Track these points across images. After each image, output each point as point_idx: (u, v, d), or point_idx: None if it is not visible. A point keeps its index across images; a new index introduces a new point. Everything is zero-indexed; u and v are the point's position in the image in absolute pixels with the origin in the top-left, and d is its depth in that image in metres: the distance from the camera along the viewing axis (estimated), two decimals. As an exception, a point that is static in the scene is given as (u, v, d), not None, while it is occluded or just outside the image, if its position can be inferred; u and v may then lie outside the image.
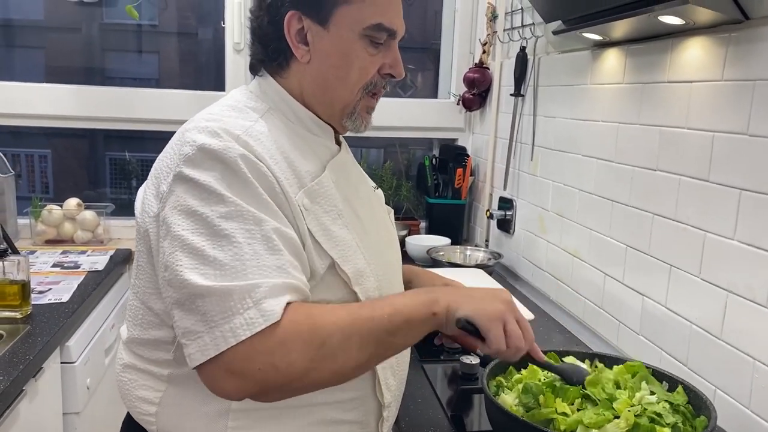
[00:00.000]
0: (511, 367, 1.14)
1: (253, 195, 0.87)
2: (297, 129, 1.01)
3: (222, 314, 0.80)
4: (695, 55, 1.26)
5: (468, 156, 2.57)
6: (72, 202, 2.35)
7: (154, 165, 0.97)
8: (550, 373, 1.10)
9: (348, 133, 1.09)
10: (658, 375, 1.10)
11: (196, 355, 0.81)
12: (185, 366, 0.86)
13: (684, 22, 1.22)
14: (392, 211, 1.24)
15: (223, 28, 2.47)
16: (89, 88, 2.46)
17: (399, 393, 1.08)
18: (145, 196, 0.95)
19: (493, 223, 2.33)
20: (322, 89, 1.01)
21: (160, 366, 0.96)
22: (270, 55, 1.01)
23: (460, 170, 2.53)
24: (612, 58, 1.57)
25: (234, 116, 0.96)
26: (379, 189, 1.22)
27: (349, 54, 0.98)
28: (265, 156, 0.91)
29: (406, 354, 1.08)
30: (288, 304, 0.83)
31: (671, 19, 1.23)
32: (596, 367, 1.14)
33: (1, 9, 2.57)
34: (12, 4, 2.61)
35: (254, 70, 1.06)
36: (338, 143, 1.08)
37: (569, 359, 1.15)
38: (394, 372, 1.04)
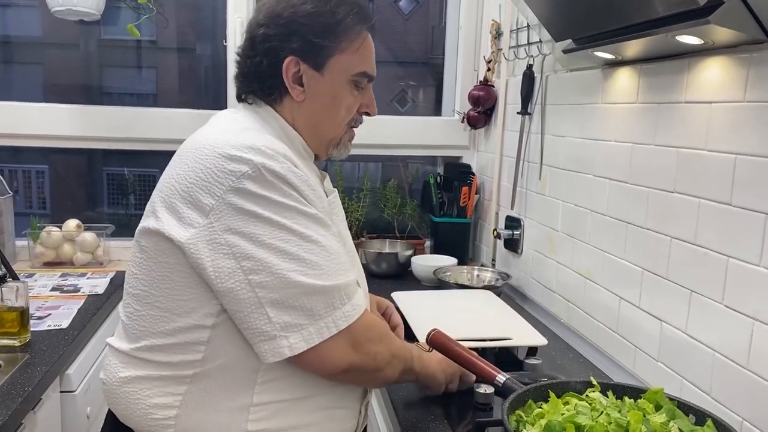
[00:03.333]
0: (530, 401, 1.10)
1: (314, 208, 1.02)
2: (293, 153, 1.10)
3: (326, 308, 0.98)
4: (714, 75, 1.23)
5: (473, 174, 2.54)
6: (71, 224, 2.31)
7: (167, 179, 1.02)
8: (571, 407, 1.06)
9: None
10: (684, 407, 1.06)
11: (299, 344, 0.97)
12: (212, 363, 1.01)
13: (703, 42, 1.19)
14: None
15: (225, 46, 2.45)
16: (88, 107, 2.42)
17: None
18: (169, 210, 0.99)
19: (500, 242, 2.29)
20: (313, 124, 1.16)
21: (182, 368, 1.01)
22: (266, 90, 1.14)
23: (465, 189, 2.49)
24: (624, 77, 1.54)
25: (264, 137, 1.05)
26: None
27: (339, 96, 1.15)
28: (306, 171, 1.06)
29: None
30: None
31: (689, 39, 1.20)
32: (622, 400, 1.09)
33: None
34: (10, 20, 2.58)
35: (241, 98, 1.18)
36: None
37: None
38: None
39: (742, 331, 1.15)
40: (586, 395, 1.11)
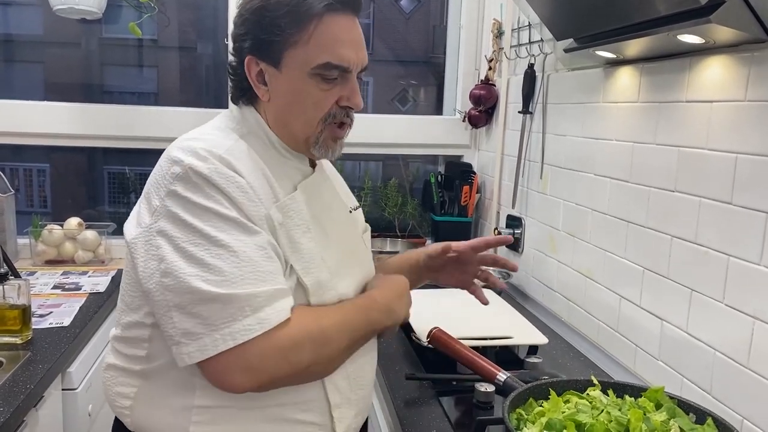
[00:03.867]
0: (531, 399, 1.10)
1: (239, 211, 0.97)
2: (271, 152, 1.10)
3: (223, 320, 0.91)
4: (715, 74, 1.23)
5: (474, 173, 2.54)
6: (73, 222, 2.32)
7: (147, 181, 1.06)
8: (572, 405, 1.06)
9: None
10: (684, 406, 1.06)
11: (195, 354, 0.91)
12: (155, 362, 1.02)
13: (704, 41, 1.20)
14: (368, 228, 1.33)
15: (226, 45, 2.45)
16: (89, 106, 2.43)
17: (356, 396, 1.13)
18: (139, 210, 1.03)
19: (501, 241, 2.29)
20: (282, 124, 1.10)
21: (134, 362, 1.05)
22: (242, 91, 1.12)
23: (466, 187, 2.50)
24: (625, 76, 1.54)
25: (218, 136, 1.07)
26: (359, 210, 1.31)
27: (301, 92, 1.06)
28: (245, 172, 1.00)
29: (362, 356, 1.13)
30: (292, 308, 0.97)
31: (691, 38, 1.20)
32: (622, 398, 1.09)
33: (0, 24, 2.55)
34: (11, 19, 2.58)
35: (234, 100, 1.15)
36: (314, 165, 1.18)
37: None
38: (346, 374, 1.09)
39: (742, 330, 1.15)
40: (587, 394, 1.11)
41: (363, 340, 1.08)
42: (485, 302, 1.39)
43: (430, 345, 1.39)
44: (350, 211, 1.25)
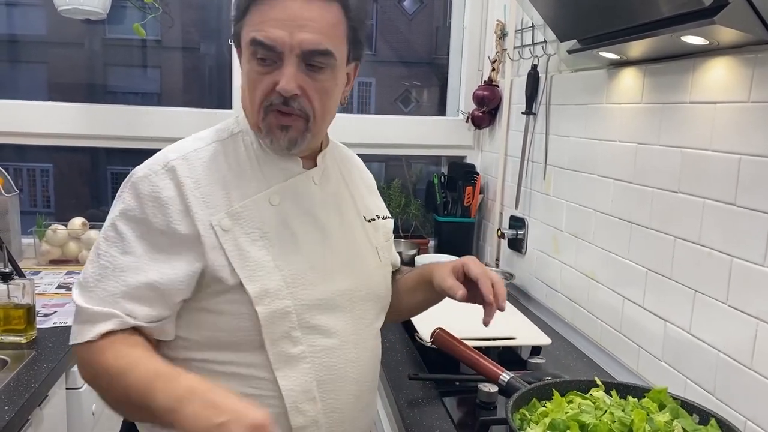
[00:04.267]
0: (534, 400, 1.11)
1: (141, 229, 1.02)
2: (260, 153, 1.10)
3: (74, 316, 1.01)
4: (719, 75, 1.23)
5: (477, 174, 2.54)
6: (77, 222, 2.32)
7: None
8: (575, 405, 1.06)
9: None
10: (687, 406, 1.07)
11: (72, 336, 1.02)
12: None
13: (708, 43, 1.20)
14: (390, 239, 1.28)
15: (230, 45, 2.46)
16: (93, 106, 2.43)
17: (327, 420, 1.07)
18: None
19: (504, 242, 2.30)
20: (244, 110, 1.11)
21: None
22: None
23: (469, 188, 2.50)
24: (629, 77, 1.54)
25: (190, 141, 1.11)
26: (384, 220, 1.27)
27: (246, 75, 1.06)
28: (188, 181, 1.03)
29: (336, 376, 1.08)
30: (110, 332, 0.98)
31: (695, 40, 1.20)
32: (626, 399, 1.10)
33: (3, 24, 2.56)
34: (15, 19, 2.59)
35: None
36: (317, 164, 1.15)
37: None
38: (311, 396, 1.05)
39: (746, 331, 1.15)
40: (590, 394, 1.12)
41: (134, 407, 0.93)
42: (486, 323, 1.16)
43: (433, 345, 1.39)
44: (367, 220, 1.22)
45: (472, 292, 1.16)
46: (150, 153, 1.10)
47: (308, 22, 1.00)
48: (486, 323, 1.13)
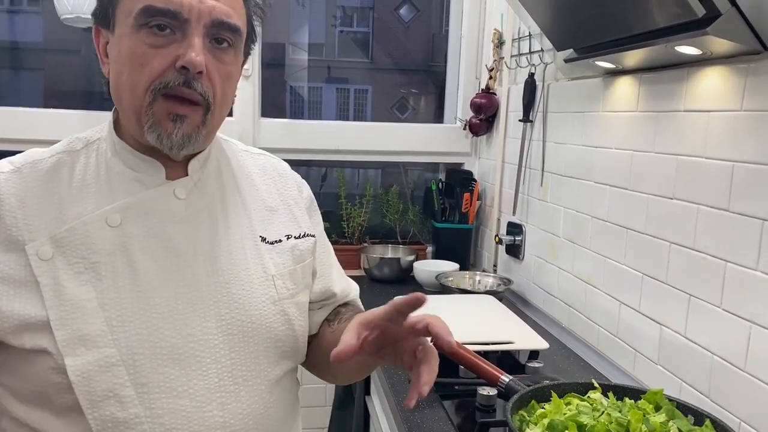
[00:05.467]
0: (533, 401, 1.13)
1: None
2: (114, 163, 0.93)
3: None
4: (712, 84, 1.26)
5: (475, 180, 2.57)
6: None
7: None
8: (573, 407, 1.08)
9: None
10: (683, 408, 1.09)
11: None
12: None
13: (701, 52, 1.23)
14: (303, 261, 1.03)
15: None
16: (93, 113, 2.44)
17: None
18: None
19: (502, 248, 2.32)
20: (117, 101, 0.91)
21: None
22: (105, 80, 0.94)
23: (467, 195, 2.52)
24: (624, 86, 1.57)
25: (46, 148, 0.94)
26: (283, 242, 1.02)
27: (128, 51, 0.85)
28: (11, 199, 0.87)
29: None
30: None
31: (688, 49, 1.23)
32: (622, 400, 1.12)
33: (1, 31, 2.57)
34: (11, 26, 2.61)
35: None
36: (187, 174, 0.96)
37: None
38: None
39: (740, 334, 1.17)
40: (588, 396, 1.14)
41: None
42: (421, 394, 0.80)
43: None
44: (268, 242, 1.00)
45: (399, 356, 0.87)
46: None
47: None
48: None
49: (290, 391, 1.03)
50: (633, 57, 1.42)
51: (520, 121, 2.12)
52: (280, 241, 1.02)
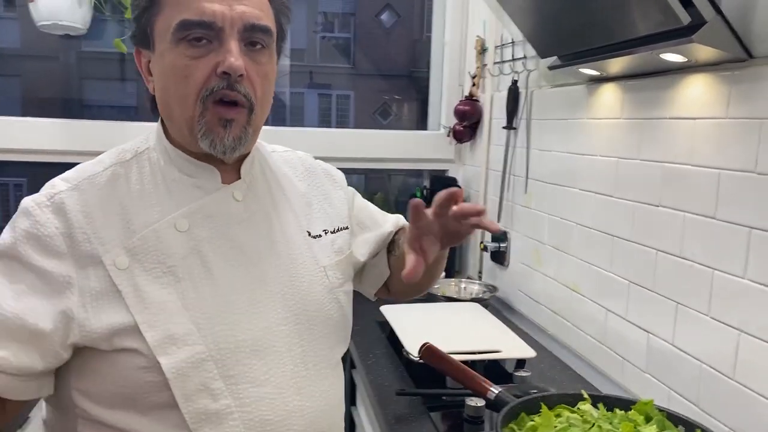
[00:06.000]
0: (523, 414, 1.11)
1: (10, 270, 0.89)
2: (169, 171, 0.97)
3: None
4: (697, 92, 1.26)
5: (460, 187, 2.55)
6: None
7: None
8: (563, 419, 1.07)
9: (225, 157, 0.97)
10: (673, 418, 1.08)
11: None
12: None
13: (686, 60, 1.23)
14: (344, 253, 1.10)
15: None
16: (70, 122, 2.39)
17: None
18: None
19: (487, 255, 2.31)
20: (167, 115, 0.96)
21: None
22: (148, 94, 1.00)
23: (451, 202, 2.51)
24: (608, 93, 1.57)
25: (92, 163, 0.99)
26: (334, 234, 1.10)
27: (171, 66, 0.91)
28: (77, 216, 0.90)
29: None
30: None
31: (673, 57, 1.23)
32: (612, 411, 1.11)
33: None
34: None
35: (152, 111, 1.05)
36: (240, 178, 1.01)
37: None
38: None
39: (728, 342, 1.17)
40: (578, 407, 1.13)
41: None
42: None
43: (421, 361, 1.39)
44: (312, 236, 1.06)
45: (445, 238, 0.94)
46: None
47: None
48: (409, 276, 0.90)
49: (342, 373, 1.10)
50: (617, 64, 1.42)
51: (503, 128, 2.11)
52: (320, 235, 1.08)
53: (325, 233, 1.09)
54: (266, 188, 1.05)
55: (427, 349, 1.33)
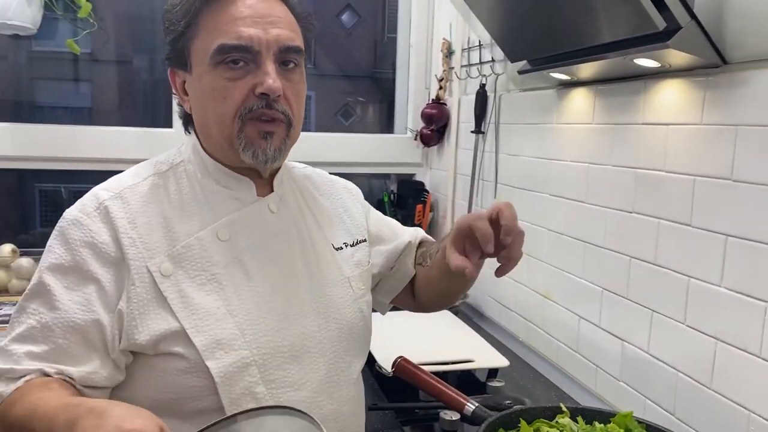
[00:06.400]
0: (501, 430, 1.08)
1: (71, 279, 0.91)
2: (206, 183, 1.01)
3: None
4: (671, 97, 1.25)
5: (427, 192, 2.53)
6: (6, 249, 2.17)
7: None
8: (544, 434, 1.04)
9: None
10: (653, 430, 1.06)
11: None
12: None
13: (659, 65, 1.21)
14: (365, 265, 1.15)
15: (165, 62, 2.36)
16: (19, 126, 2.27)
17: None
18: None
19: (455, 260, 2.28)
20: (205, 133, 1.01)
21: None
22: (182, 112, 1.06)
23: (420, 206, 2.48)
24: (579, 97, 1.55)
25: (128, 174, 1.02)
26: (355, 247, 1.15)
27: (209, 87, 0.95)
28: (122, 222, 0.94)
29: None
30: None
31: (647, 62, 1.21)
32: (592, 425, 1.08)
33: None
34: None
35: (184, 126, 1.08)
36: (272, 190, 1.06)
37: None
38: None
39: (705, 350, 1.16)
40: (556, 421, 1.10)
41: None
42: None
43: (395, 375, 1.35)
44: (335, 248, 1.11)
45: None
46: (83, 172, 1.03)
47: (276, 18, 0.96)
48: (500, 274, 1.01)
49: (362, 384, 1.13)
50: (588, 69, 1.40)
51: (472, 132, 2.09)
52: (342, 248, 1.12)
53: (346, 246, 1.14)
54: (296, 201, 1.10)
55: (400, 364, 1.29)
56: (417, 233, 1.29)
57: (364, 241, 1.18)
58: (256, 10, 0.94)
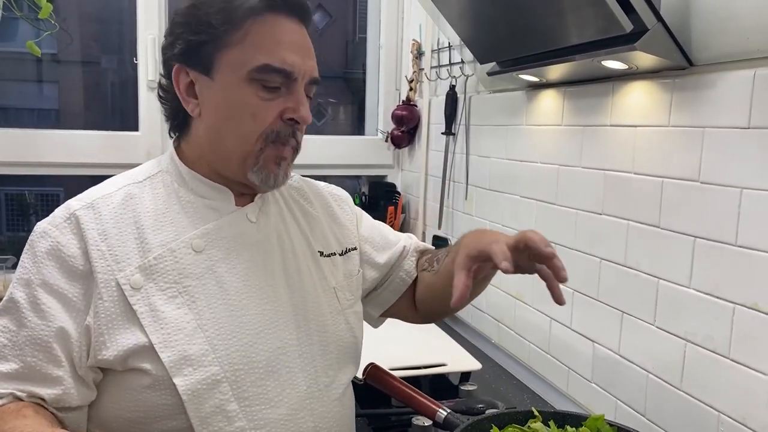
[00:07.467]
0: (475, 436, 1.07)
1: (39, 294, 0.88)
2: (182, 193, 0.98)
3: None
4: (638, 99, 1.25)
5: (399, 193, 2.51)
6: (-36, 257, 2.11)
7: None
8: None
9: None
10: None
11: None
12: None
13: (627, 67, 1.21)
14: (354, 274, 1.13)
15: (135, 63, 2.31)
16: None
17: None
18: None
19: (427, 262, 2.27)
20: (216, 143, 0.96)
21: None
22: (171, 113, 1.01)
23: (391, 208, 2.47)
24: (548, 99, 1.55)
25: (104, 184, 1.00)
26: (343, 255, 1.12)
27: (238, 101, 0.93)
28: (92, 234, 0.91)
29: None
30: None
31: (614, 64, 1.21)
32: (564, 429, 1.08)
33: None
34: None
35: (170, 131, 1.05)
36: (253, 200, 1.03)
37: None
38: None
39: (674, 351, 1.16)
40: (528, 426, 1.09)
41: None
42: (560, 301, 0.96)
43: (367, 382, 1.33)
44: (325, 255, 1.08)
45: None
46: (49, 177, 1.00)
47: (310, 50, 0.98)
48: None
49: (352, 395, 1.11)
50: (557, 70, 1.40)
51: (442, 133, 2.08)
52: (329, 256, 1.09)
53: (334, 254, 1.11)
54: (277, 210, 1.06)
55: (371, 371, 1.27)
56: (411, 240, 1.26)
57: (354, 249, 1.15)
58: (297, 38, 0.95)
